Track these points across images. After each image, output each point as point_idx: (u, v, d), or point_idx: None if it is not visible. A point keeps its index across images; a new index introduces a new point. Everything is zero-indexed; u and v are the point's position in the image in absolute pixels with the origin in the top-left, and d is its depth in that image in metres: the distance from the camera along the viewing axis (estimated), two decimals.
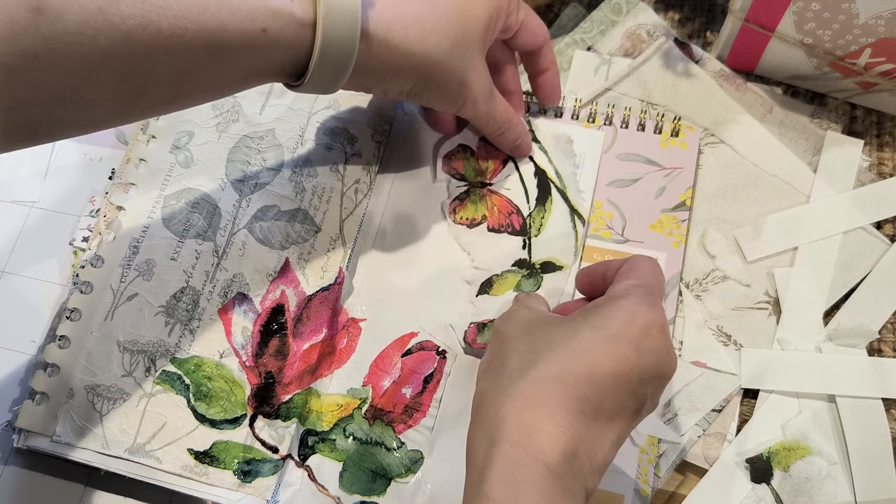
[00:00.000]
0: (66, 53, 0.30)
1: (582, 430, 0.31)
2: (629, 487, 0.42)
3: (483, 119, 0.45)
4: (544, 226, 0.47)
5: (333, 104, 0.48)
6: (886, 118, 0.50)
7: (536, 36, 0.45)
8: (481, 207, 0.48)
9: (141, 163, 0.47)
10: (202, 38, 0.33)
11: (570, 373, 0.32)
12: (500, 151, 0.48)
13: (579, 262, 0.46)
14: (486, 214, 0.47)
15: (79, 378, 0.43)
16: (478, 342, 0.44)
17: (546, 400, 0.31)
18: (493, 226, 0.47)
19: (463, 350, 0.45)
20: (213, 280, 0.45)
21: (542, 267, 0.46)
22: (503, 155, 0.49)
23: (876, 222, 0.47)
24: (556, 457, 0.30)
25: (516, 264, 0.46)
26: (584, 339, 0.33)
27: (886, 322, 0.45)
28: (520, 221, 0.47)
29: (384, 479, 0.42)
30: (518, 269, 0.46)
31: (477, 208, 0.48)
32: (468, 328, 0.45)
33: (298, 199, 0.47)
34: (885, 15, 0.42)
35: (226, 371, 0.43)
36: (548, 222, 0.47)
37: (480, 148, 0.49)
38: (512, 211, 0.47)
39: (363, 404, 0.44)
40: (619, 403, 0.32)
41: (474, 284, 0.46)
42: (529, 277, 0.46)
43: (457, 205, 0.48)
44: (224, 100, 0.48)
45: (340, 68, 0.37)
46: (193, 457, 0.42)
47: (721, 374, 0.44)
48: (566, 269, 0.46)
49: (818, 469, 0.42)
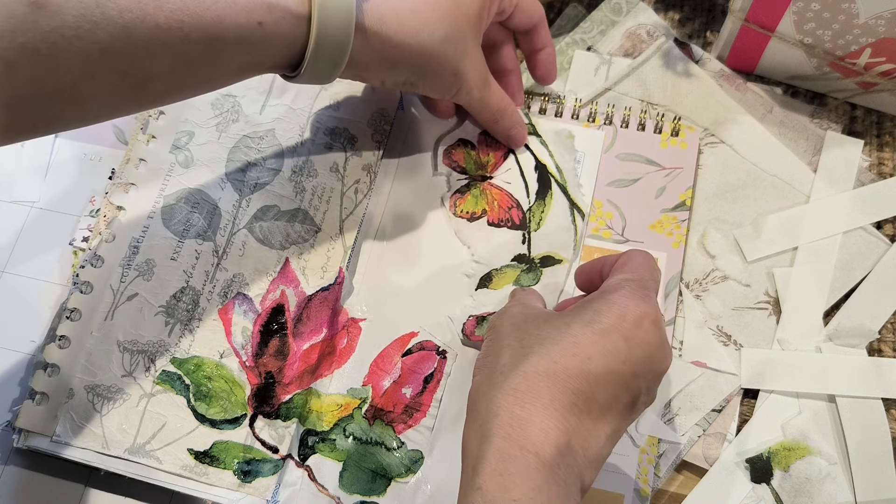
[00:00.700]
0: (64, 48, 0.30)
1: (574, 423, 0.31)
2: (629, 487, 0.42)
3: (477, 106, 0.45)
4: (544, 220, 0.47)
5: (333, 104, 0.48)
6: (886, 118, 0.50)
7: (532, 16, 0.46)
8: (481, 201, 0.48)
9: (141, 163, 0.47)
10: (199, 32, 0.33)
11: (561, 366, 0.32)
12: (501, 145, 0.48)
13: (579, 257, 0.46)
14: (487, 208, 0.47)
15: (79, 378, 0.43)
16: (476, 334, 0.44)
17: (537, 393, 0.31)
18: (492, 220, 0.47)
19: (462, 342, 0.45)
20: (213, 280, 0.45)
21: (541, 261, 0.46)
22: (504, 148, 0.49)
23: (876, 222, 0.47)
24: (548, 449, 0.30)
25: (516, 259, 0.46)
26: (575, 333, 0.33)
27: (886, 322, 0.45)
28: (519, 216, 0.47)
29: (384, 479, 0.42)
30: (517, 264, 0.46)
31: (477, 202, 0.48)
32: (467, 320, 0.45)
33: (298, 199, 0.47)
34: (885, 15, 0.42)
35: (226, 371, 0.43)
36: (547, 217, 0.47)
37: (481, 142, 0.49)
38: (512, 205, 0.47)
39: (363, 404, 0.44)
40: (612, 396, 0.32)
41: (474, 278, 0.46)
42: (529, 272, 0.46)
43: (457, 198, 0.48)
44: (224, 100, 0.48)
45: (336, 60, 0.37)
46: (193, 457, 0.42)
47: (721, 374, 0.44)
48: (565, 263, 0.46)
49: (818, 469, 0.42)
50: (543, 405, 0.31)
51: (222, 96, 0.48)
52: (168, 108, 0.47)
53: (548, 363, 0.32)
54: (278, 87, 0.48)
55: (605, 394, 0.32)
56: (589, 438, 0.32)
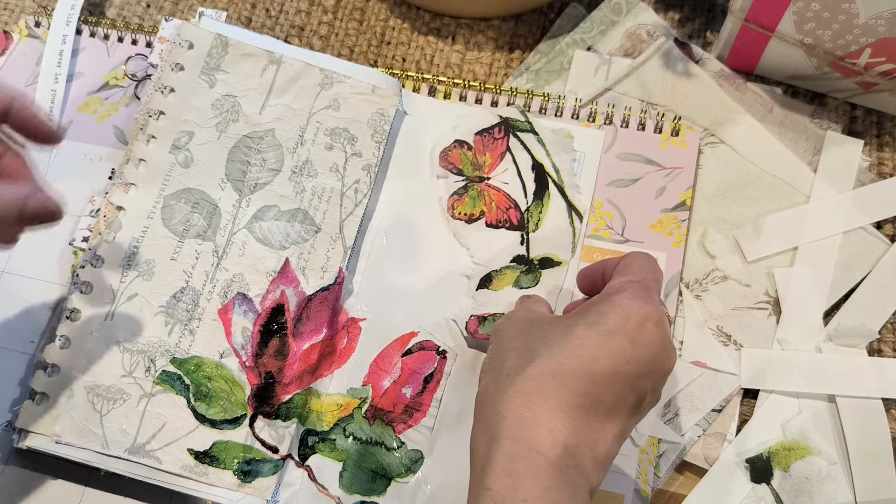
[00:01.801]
0: None
1: (582, 425, 0.31)
2: (629, 487, 0.42)
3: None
4: (542, 221, 0.47)
5: (333, 104, 0.48)
6: (886, 118, 0.50)
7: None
8: (479, 203, 0.48)
9: (141, 163, 0.47)
10: None
11: (566, 368, 0.32)
12: (498, 145, 0.48)
13: (578, 259, 0.46)
14: (485, 210, 0.47)
15: (79, 378, 0.43)
16: (479, 332, 0.44)
17: (544, 395, 0.31)
18: (491, 221, 0.47)
19: (466, 341, 0.45)
20: (213, 280, 0.45)
21: (540, 263, 0.46)
22: (501, 148, 0.49)
23: (876, 222, 0.47)
24: (556, 450, 0.30)
25: (515, 260, 0.46)
26: (580, 335, 0.33)
27: (886, 322, 0.45)
28: (517, 216, 0.47)
29: (384, 479, 0.42)
30: (517, 265, 0.46)
31: (475, 203, 0.48)
32: (469, 319, 0.45)
33: (298, 199, 0.47)
34: (885, 15, 0.42)
35: (226, 371, 0.43)
36: (545, 218, 0.47)
37: (477, 142, 0.49)
38: (510, 206, 0.47)
39: (363, 404, 0.44)
40: (618, 397, 0.32)
41: (474, 279, 0.46)
42: (528, 273, 0.46)
43: (455, 200, 0.48)
44: (224, 100, 0.48)
45: None
46: (193, 457, 0.42)
47: (721, 374, 0.44)
48: (564, 265, 0.46)
49: (818, 469, 0.42)
50: (551, 407, 0.31)
51: (222, 96, 0.48)
52: (168, 108, 0.47)
53: (554, 365, 0.32)
54: (278, 87, 0.48)
55: (611, 394, 0.32)
56: (597, 439, 0.32)
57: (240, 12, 0.55)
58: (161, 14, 0.55)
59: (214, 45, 0.48)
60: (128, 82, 0.52)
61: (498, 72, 0.53)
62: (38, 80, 0.51)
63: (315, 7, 0.55)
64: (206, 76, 0.48)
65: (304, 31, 0.55)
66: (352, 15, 0.55)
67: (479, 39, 0.54)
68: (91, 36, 0.53)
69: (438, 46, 0.54)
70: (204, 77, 0.48)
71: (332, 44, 0.54)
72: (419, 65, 0.53)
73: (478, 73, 0.53)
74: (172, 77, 0.48)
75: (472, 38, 0.54)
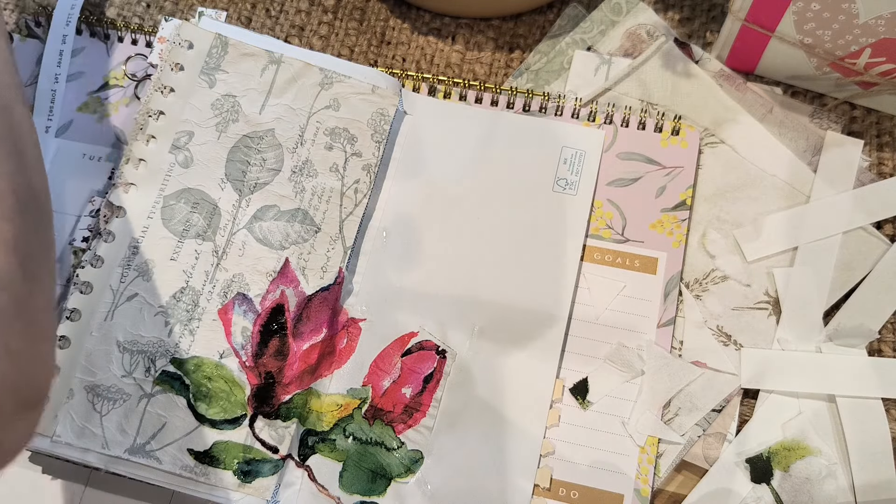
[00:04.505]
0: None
1: None
2: (629, 487, 0.42)
3: None
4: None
5: (333, 104, 0.48)
6: (886, 118, 0.50)
7: None
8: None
9: (141, 163, 0.47)
10: None
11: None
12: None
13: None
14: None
15: (79, 378, 0.43)
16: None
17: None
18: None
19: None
20: (213, 280, 0.45)
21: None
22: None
23: (876, 222, 0.47)
24: None
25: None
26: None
27: (886, 322, 0.45)
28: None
29: (384, 479, 0.42)
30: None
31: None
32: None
33: (298, 199, 0.47)
34: (885, 15, 0.42)
35: (226, 371, 0.43)
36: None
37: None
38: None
39: (363, 404, 0.44)
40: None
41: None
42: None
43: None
44: (224, 100, 0.48)
45: None
46: (193, 457, 0.42)
47: (721, 374, 0.44)
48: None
49: (818, 469, 0.42)
50: None
51: (222, 96, 0.48)
52: (168, 108, 0.47)
53: None
54: (278, 86, 0.48)
55: None
56: None
57: (240, 12, 0.55)
58: (161, 14, 0.55)
59: (214, 44, 0.48)
60: (128, 82, 0.52)
61: (498, 72, 0.53)
62: (38, 80, 0.51)
63: (315, 7, 0.55)
64: (205, 76, 0.48)
65: (304, 31, 0.55)
66: (352, 15, 0.55)
67: (479, 39, 0.54)
68: (91, 36, 0.53)
69: (438, 46, 0.54)
70: (204, 77, 0.48)
71: (332, 44, 0.54)
72: (419, 65, 0.53)
73: (478, 72, 0.53)
74: (172, 77, 0.48)
75: (472, 38, 0.54)
